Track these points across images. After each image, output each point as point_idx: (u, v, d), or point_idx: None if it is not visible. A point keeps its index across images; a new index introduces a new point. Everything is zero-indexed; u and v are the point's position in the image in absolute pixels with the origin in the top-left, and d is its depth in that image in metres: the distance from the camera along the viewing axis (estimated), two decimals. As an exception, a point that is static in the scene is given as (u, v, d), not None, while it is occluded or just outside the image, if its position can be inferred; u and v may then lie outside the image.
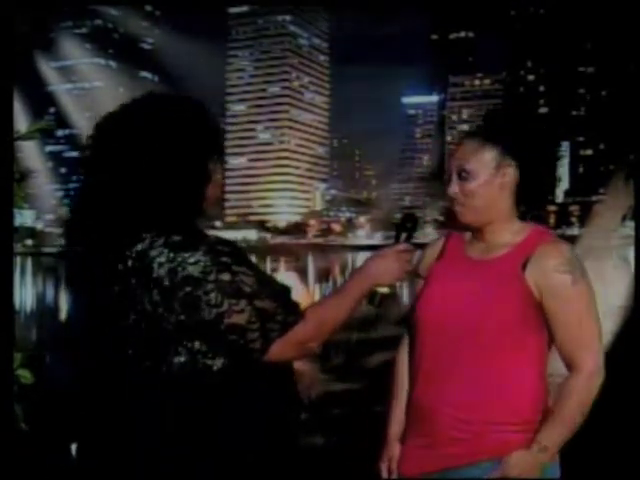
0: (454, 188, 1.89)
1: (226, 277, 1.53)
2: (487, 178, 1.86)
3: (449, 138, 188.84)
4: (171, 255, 1.53)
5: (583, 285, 1.80)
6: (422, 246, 2.13)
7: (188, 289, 1.51)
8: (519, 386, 1.82)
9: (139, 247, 1.55)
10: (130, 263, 1.55)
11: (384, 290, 1.81)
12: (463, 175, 1.87)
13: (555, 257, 1.80)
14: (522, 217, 1.94)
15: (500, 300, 1.82)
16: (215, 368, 1.55)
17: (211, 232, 1.62)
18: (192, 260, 1.52)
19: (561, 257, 1.80)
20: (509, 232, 1.90)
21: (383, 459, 2.02)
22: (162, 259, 1.53)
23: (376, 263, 1.80)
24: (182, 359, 1.54)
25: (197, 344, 1.54)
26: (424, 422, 1.89)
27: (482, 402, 1.81)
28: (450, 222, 1.97)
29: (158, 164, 1.58)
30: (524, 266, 1.82)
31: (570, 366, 1.82)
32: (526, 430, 1.80)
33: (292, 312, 1.59)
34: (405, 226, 1.87)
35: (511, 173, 1.87)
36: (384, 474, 2.01)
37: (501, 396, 1.81)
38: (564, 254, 1.81)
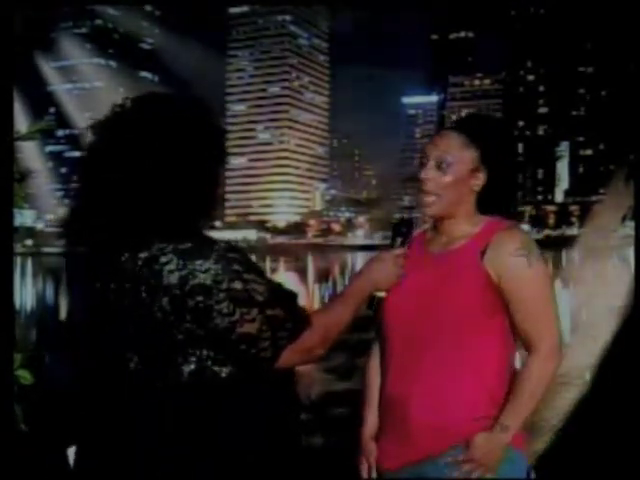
0: (429, 174, 1.91)
1: (238, 286, 1.52)
2: (463, 176, 1.91)
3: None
4: (181, 262, 1.51)
5: (539, 268, 1.85)
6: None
7: (199, 298, 1.50)
8: (488, 371, 1.87)
9: (148, 253, 1.53)
10: (138, 269, 1.53)
11: (381, 294, 1.86)
12: (442, 166, 1.90)
13: (511, 242, 1.85)
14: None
15: (461, 288, 1.86)
16: (223, 375, 1.55)
17: (211, 232, 1.61)
18: (203, 268, 1.51)
19: (517, 242, 1.86)
20: (468, 225, 1.95)
21: (361, 459, 2.04)
22: (172, 266, 1.51)
23: (376, 268, 1.85)
24: (192, 367, 1.53)
25: (205, 352, 1.54)
26: (396, 415, 1.92)
27: (450, 392, 1.85)
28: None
29: (166, 168, 1.56)
30: (482, 254, 1.87)
31: (528, 349, 1.87)
32: (494, 412, 1.85)
33: (300, 320, 1.59)
34: (400, 230, 1.92)
35: (481, 178, 1.93)
36: (364, 472, 2.03)
37: (469, 384, 1.85)
38: (519, 239, 1.87)
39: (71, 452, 1.68)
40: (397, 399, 1.92)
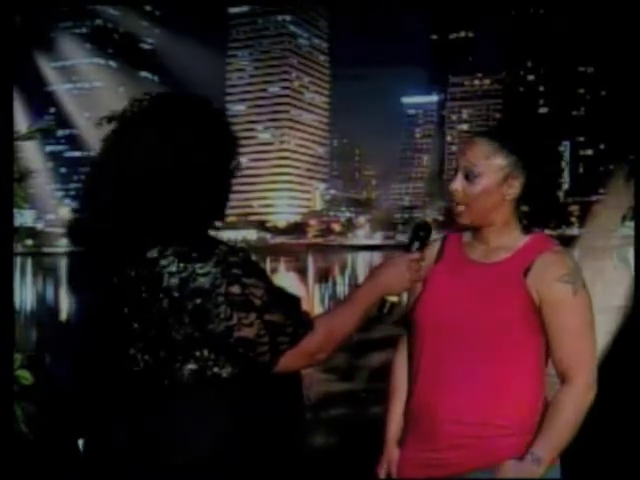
0: (457, 185, 1.85)
1: (236, 290, 1.51)
2: (492, 185, 1.83)
3: (449, 138, 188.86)
4: (181, 265, 1.51)
5: (583, 297, 1.80)
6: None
7: (198, 301, 1.50)
8: (519, 389, 1.83)
9: (149, 255, 1.53)
10: (140, 270, 1.53)
11: (393, 299, 1.80)
12: (470, 176, 1.84)
13: (558, 267, 1.80)
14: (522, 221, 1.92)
15: (501, 303, 1.81)
16: (225, 375, 1.55)
17: (211, 232, 1.62)
18: (202, 271, 1.51)
19: (564, 267, 1.80)
20: (510, 236, 1.88)
21: (382, 462, 2.00)
22: (172, 269, 1.51)
23: (388, 272, 1.79)
24: (192, 367, 1.53)
25: (206, 353, 1.54)
26: (425, 425, 1.87)
27: (483, 405, 1.81)
28: (450, 220, 1.94)
29: (170, 170, 1.55)
30: (525, 272, 1.81)
31: (564, 379, 1.82)
32: (524, 433, 1.81)
33: (302, 324, 1.58)
34: (418, 235, 1.86)
35: (517, 186, 1.85)
36: (382, 477, 1.99)
37: (502, 399, 1.81)
38: (567, 264, 1.81)
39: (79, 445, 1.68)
40: (426, 409, 1.87)
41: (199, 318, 1.50)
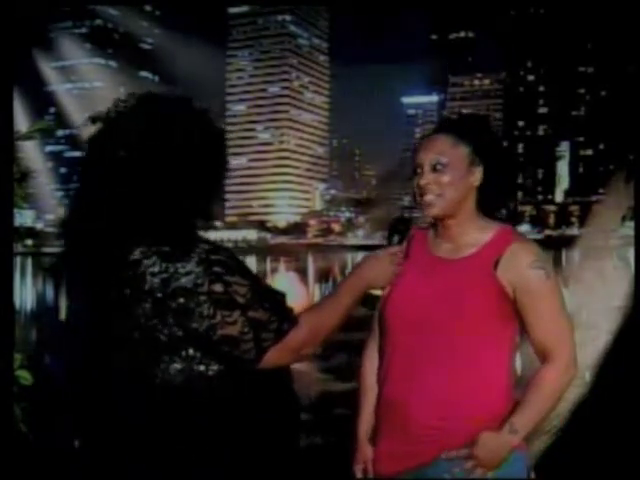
0: (427, 179, 1.90)
1: (219, 288, 1.52)
2: (460, 174, 1.89)
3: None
4: (164, 265, 1.51)
5: (555, 280, 1.87)
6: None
7: (181, 300, 1.51)
8: (490, 381, 1.86)
9: (132, 255, 1.53)
10: (124, 271, 1.53)
11: (378, 292, 1.87)
12: (438, 168, 1.89)
13: (528, 254, 1.86)
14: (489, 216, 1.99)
15: (472, 298, 1.85)
16: (211, 373, 1.55)
17: (211, 233, 1.61)
18: (184, 271, 1.51)
19: (534, 254, 1.87)
20: (475, 230, 1.93)
21: (357, 461, 2.03)
22: (155, 269, 1.52)
23: (370, 265, 1.85)
24: (178, 366, 1.54)
25: (191, 351, 1.54)
26: (398, 420, 1.90)
27: (455, 398, 1.84)
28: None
29: (154, 171, 1.55)
30: (495, 265, 1.86)
31: (544, 358, 1.86)
32: (498, 422, 1.83)
33: (286, 320, 1.58)
34: (397, 228, 1.93)
35: (478, 173, 1.92)
36: (359, 474, 2.02)
37: (473, 392, 1.84)
38: (535, 252, 1.88)
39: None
40: (399, 403, 1.90)
41: (183, 317, 1.51)
